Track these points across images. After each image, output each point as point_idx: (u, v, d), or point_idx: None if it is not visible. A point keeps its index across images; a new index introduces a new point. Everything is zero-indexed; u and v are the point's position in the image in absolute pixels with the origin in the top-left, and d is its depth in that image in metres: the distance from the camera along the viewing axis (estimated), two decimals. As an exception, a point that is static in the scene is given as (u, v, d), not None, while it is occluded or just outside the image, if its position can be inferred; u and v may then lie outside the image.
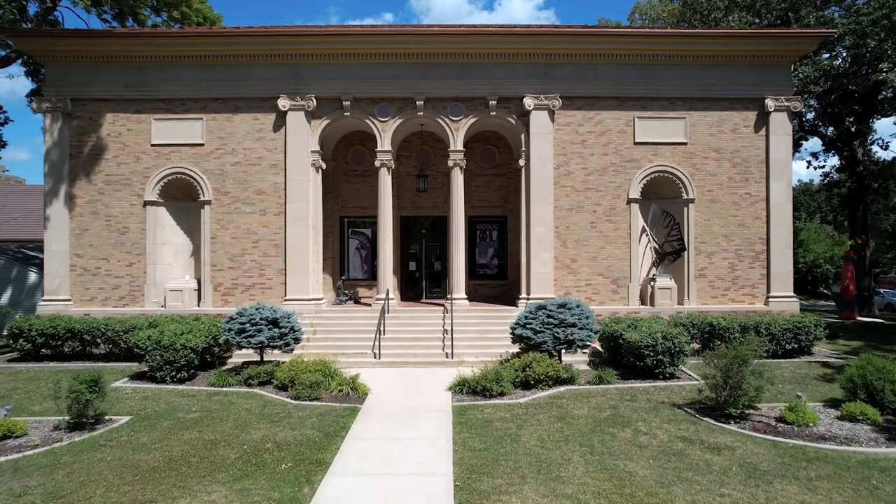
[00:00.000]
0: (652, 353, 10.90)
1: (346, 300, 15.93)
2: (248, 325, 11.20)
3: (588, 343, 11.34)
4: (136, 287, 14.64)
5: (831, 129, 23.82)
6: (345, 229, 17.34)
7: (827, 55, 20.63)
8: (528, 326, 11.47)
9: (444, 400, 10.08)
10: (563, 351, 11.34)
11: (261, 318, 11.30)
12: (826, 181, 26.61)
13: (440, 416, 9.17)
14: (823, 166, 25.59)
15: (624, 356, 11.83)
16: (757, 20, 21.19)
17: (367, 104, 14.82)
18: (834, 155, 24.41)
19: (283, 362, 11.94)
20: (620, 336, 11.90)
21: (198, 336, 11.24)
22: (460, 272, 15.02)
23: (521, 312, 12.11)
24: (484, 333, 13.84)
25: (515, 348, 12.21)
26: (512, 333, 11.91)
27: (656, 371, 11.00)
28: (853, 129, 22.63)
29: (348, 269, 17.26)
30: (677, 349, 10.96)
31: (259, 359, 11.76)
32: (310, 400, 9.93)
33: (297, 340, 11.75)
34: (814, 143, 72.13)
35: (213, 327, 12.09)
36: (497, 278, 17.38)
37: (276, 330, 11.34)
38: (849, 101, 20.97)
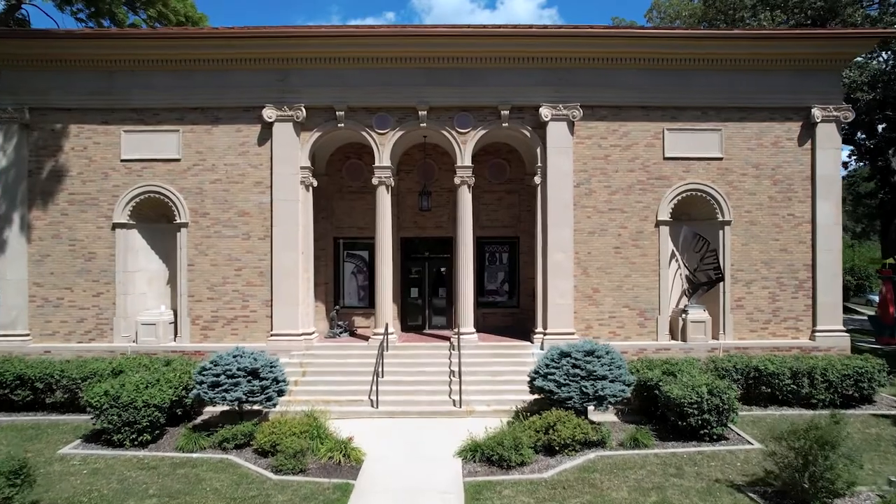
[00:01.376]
0: (696, 412, 9.26)
1: (341, 332, 14.31)
2: (223, 377, 9.57)
3: (621, 397, 9.71)
4: (103, 320, 13.01)
5: (860, 134, 22.20)
6: (339, 252, 15.70)
7: (862, 58, 19.01)
8: (549, 377, 9.85)
9: (453, 471, 8.48)
10: (593, 407, 9.71)
11: (238, 369, 9.67)
12: (854, 191, 24.98)
13: (449, 499, 7.56)
14: (853, 175, 23.97)
15: (659, 408, 10.24)
16: (785, 20, 19.52)
17: (364, 114, 13.18)
18: (865, 164, 22.78)
19: (269, 413, 10.42)
20: (656, 387, 10.29)
21: (165, 389, 9.62)
22: (468, 302, 13.39)
23: (540, 358, 10.49)
24: (496, 375, 12.22)
25: (532, 395, 10.60)
26: (531, 384, 10.29)
27: (701, 432, 9.37)
28: (885, 136, 21.03)
29: (343, 296, 15.62)
30: (726, 406, 9.32)
31: (238, 409, 10.14)
32: (294, 473, 8.33)
33: (280, 393, 10.12)
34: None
35: (184, 375, 10.47)
36: (508, 306, 15.74)
37: (256, 382, 9.71)
38: (885, 107, 19.33)
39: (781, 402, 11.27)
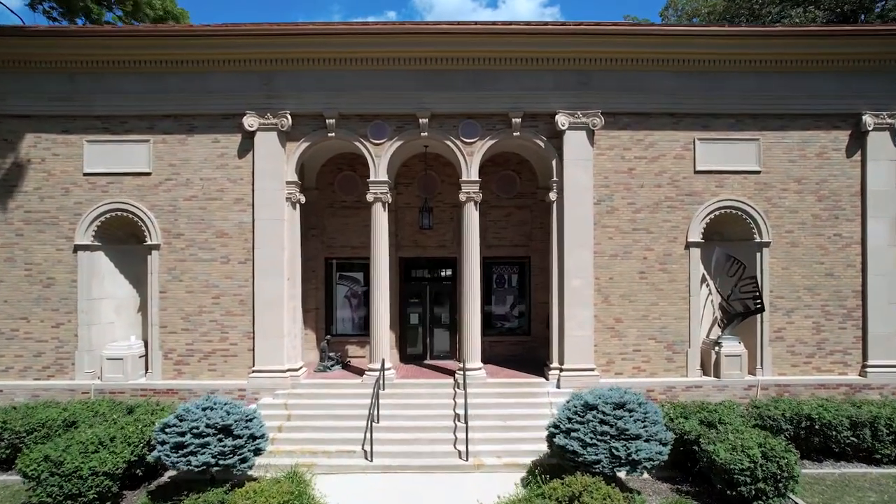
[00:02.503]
0: (749, 481, 7.80)
1: (333, 364, 12.83)
2: (188, 436, 8.09)
3: (658, 461, 8.23)
4: (64, 354, 11.55)
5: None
6: (332, 274, 14.21)
7: None
8: (573, 434, 8.37)
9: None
10: (625, 473, 8.23)
11: (207, 426, 8.19)
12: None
13: None
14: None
15: (697, 463, 8.80)
16: (820, 17, 18.02)
17: (358, 122, 11.72)
18: None
19: (248, 470, 8.92)
20: (696, 443, 8.83)
21: (120, 451, 8.16)
22: (474, 333, 11.91)
23: (560, 410, 9.00)
24: (506, 419, 10.75)
25: (547, 443, 9.14)
26: (549, 440, 8.83)
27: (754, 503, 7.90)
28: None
29: (336, 323, 14.14)
30: (784, 473, 7.85)
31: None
32: (269, 562, 6.87)
33: (257, 452, 8.64)
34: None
35: (148, 428, 9.03)
36: (518, 333, 14.24)
37: (228, 441, 8.22)
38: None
39: (838, 456, 9.80)
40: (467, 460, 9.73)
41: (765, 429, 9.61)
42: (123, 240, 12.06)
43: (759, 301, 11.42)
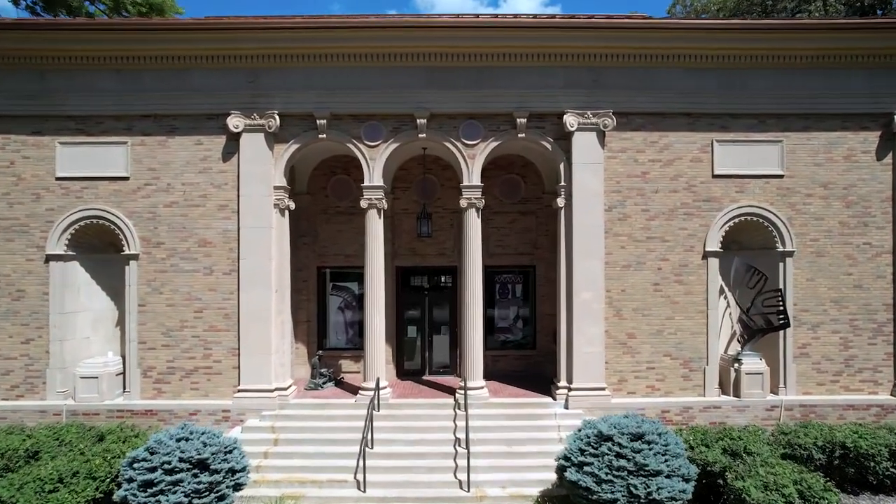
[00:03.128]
0: (785, 524, 7.00)
1: (325, 381, 12.01)
2: (159, 472, 7.30)
3: (681, 500, 7.41)
4: (34, 372, 10.74)
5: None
6: (324, 284, 13.37)
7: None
8: (586, 469, 7.57)
9: None
10: (644, 513, 7.42)
11: (181, 459, 7.40)
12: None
13: None
14: None
15: (722, 495, 8.01)
16: (842, 10, 17.19)
17: (351, 123, 10.91)
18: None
19: (227, 502, 8.12)
20: (720, 476, 8.04)
21: (81, 489, 7.36)
22: (476, 348, 11.09)
23: (570, 440, 8.19)
24: (511, 444, 9.94)
25: (556, 475, 8.34)
26: (560, 474, 8.03)
27: (789, 547, 7.11)
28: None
29: (329, 336, 13.29)
30: (824, 516, 7.06)
31: None
32: None
33: (237, 487, 7.86)
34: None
35: (117, 460, 8.22)
36: (522, 347, 13.39)
37: (204, 477, 7.43)
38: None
39: (875, 488, 8.98)
40: (469, 491, 8.92)
41: (794, 458, 8.83)
42: (100, 249, 11.25)
43: (782, 315, 10.60)
